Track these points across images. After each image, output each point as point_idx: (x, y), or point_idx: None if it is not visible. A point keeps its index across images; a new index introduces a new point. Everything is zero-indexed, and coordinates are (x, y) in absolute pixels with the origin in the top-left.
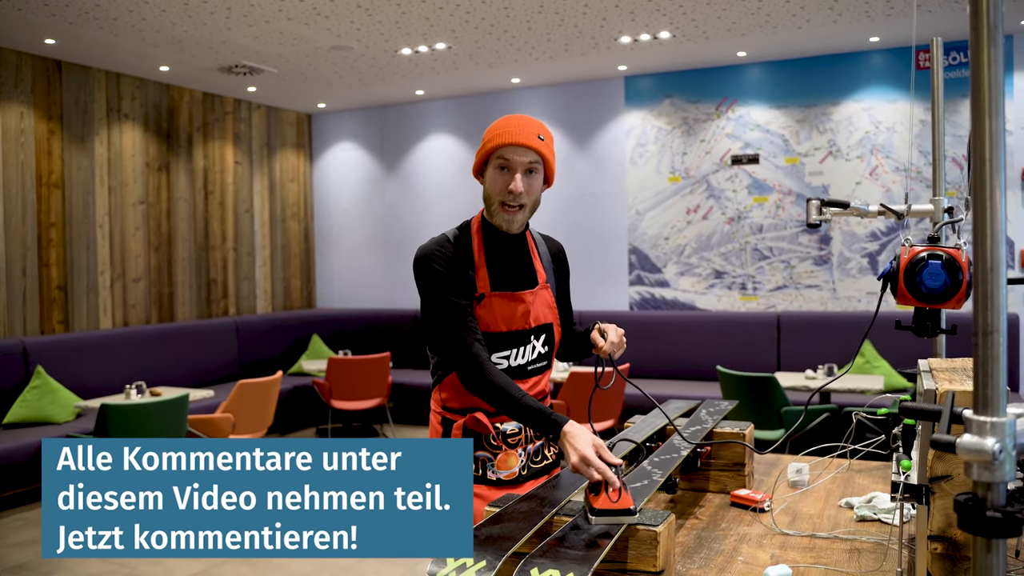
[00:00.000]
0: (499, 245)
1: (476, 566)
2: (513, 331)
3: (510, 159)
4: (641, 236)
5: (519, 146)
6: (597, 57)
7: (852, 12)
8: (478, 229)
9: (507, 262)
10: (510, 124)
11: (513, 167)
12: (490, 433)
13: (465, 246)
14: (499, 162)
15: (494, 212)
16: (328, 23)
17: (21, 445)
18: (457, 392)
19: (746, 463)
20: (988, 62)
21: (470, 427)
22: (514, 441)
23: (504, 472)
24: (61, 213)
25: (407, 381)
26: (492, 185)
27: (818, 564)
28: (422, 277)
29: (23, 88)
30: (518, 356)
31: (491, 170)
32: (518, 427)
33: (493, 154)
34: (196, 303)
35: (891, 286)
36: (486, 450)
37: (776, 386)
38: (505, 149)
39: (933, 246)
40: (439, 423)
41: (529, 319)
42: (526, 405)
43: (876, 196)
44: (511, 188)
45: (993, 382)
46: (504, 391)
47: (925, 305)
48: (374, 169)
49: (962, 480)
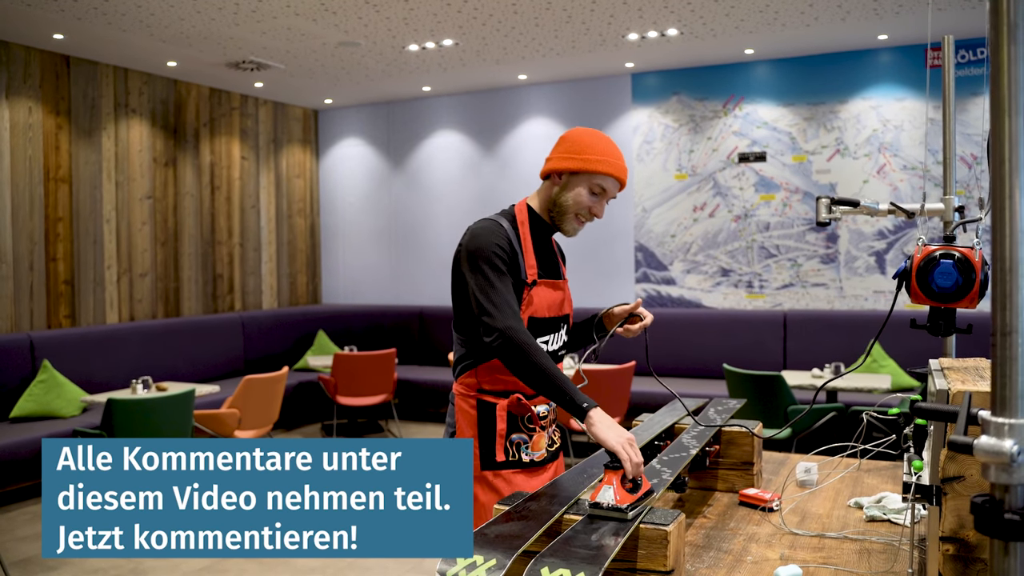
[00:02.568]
0: (542, 237)
1: (486, 564)
2: (552, 317)
3: (608, 190)
4: (647, 233)
5: (620, 182)
6: (604, 54)
7: (861, 10)
8: (525, 220)
9: (546, 254)
10: (617, 157)
11: (606, 197)
12: (529, 414)
13: (515, 234)
14: (597, 187)
15: (566, 219)
16: (336, 19)
17: (28, 439)
18: (499, 375)
19: (755, 462)
20: (1008, 60)
21: (512, 410)
22: (545, 423)
23: (537, 454)
24: (68, 208)
25: (413, 377)
26: (578, 200)
27: (828, 564)
28: (480, 256)
29: (31, 83)
30: (552, 342)
31: (583, 187)
32: (547, 409)
33: (595, 177)
34: (202, 298)
35: (904, 285)
36: (523, 432)
37: (783, 385)
38: (609, 180)
39: (947, 245)
40: (472, 408)
41: (564, 307)
42: (556, 382)
43: (883, 195)
44: (595, 212)
45: (1011, 383)
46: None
47: (938, 304)
48: (381, 165)
49: (975, 481)
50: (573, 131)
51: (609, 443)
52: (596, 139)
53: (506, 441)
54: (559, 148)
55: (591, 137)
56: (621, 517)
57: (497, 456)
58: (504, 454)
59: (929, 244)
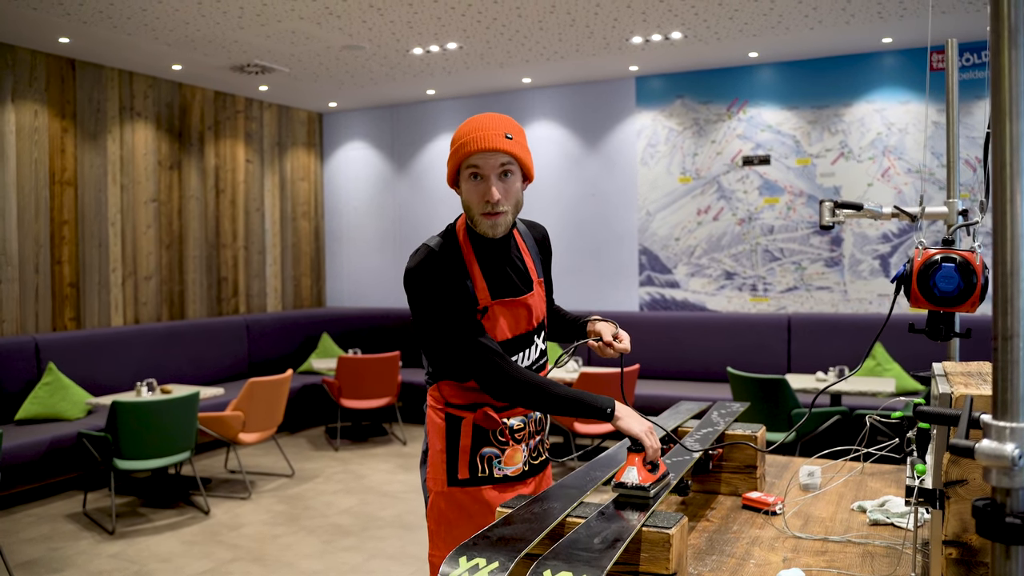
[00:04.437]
0: (489, 251)
1: (489, 567)
2: (519, 335)
3: (481, 166)
4: (651, 237)
5: (488, 151)
6: (608, 57)
7: (865, 13)
8: (465, 238)
9: (501, 267)
10: (475, 129)
11: (486, 174)
12: (500, 428)
13: (455, 256)
14: (471, 171)
15: (476, 221)
16: (340, 22)
17: (33, 442)
18: (461, 389)
19: (758, 466)
20: (1009, 64)
21: (480, 423)
22: (520, 436)
23: (511, 468)
24: (74, 211)
25: (417, 380)
26: (469, 195)
27: (831, 568)
28: (418, 292)
29: (37, 87)
30: (524, 359)
31: (464, 180)
32: (522, 421)
33: (463, 163)
34: (207, 301)
35: (904, 289)
36: (494, 446)
37: (787, 388)
38: (474, 157)
39: (947, 249)
40: (441, 420)
41: (532, 320)
42: (564, 395)
43: (888, 198)
44: (487, 197)
45: (1012, 387)
46: (538, 388)
47: (938, 308)
48: (385, 168)
49: (978, 485)
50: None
51: (633, 431)
52: (462, 127)
53: (475, 456)
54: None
55: (459, 128)
56: (643, 495)
57: (459, 472)
58: (469, 470)
59: (929, 248)
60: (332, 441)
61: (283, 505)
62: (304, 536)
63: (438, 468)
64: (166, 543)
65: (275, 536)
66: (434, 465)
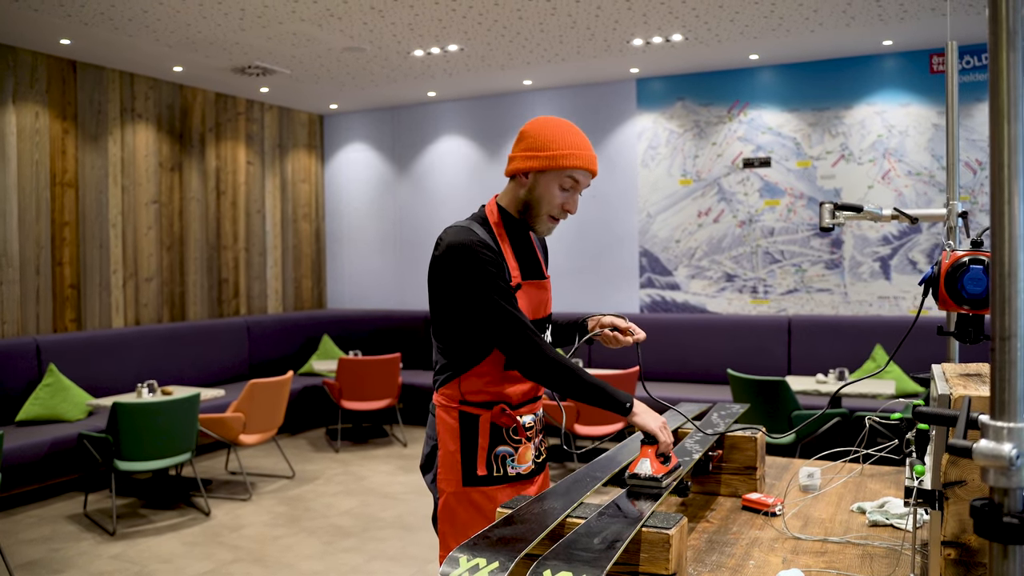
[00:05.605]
0: (518, 237)
1: (489, 568)
2: (538, 319)
3: (580, 182)
4: (652, 238)
5: (591, 172)
6: (609, 59)
7: (865, 15)
8: (498, 221)
9: (526, 253)
10: (584, 147)
11: (578, 189)
12: (514, 425)
13: (491, 236)
14: (567, 181)
15: (538, 220)
16: (341, 24)
17: (33, 443)
18: (486, 384)
19: (758, 467)
20: (1007, 66)
21: (496, 421)
22: (531, 434)
23: (523, 466)
24: (75, 212)
25: (417, 382)
26: (550, 198)
27: (830, 569)
28: (463, 264)
29: (38, 88)
30: None
31: (553, 183)
32: (533, 419)
33: (564, 171)
34: (207, 303)
35: (932, 291)
36: (508, 444)
37: (787, 390)
38: (579, 172)
39: (975, 251)
40: (454, 420)
41: (548, 307)
42: (590, 383)
43: (888, 200)
44: (569, 208)
45: (1010, 387)
46: (570, 371)
47: (967, 311)
48: (386, 170)
49: (976, 485)
50: (533, 125)
51: (649, 426)
52: (560, 131)
53: (491, 455)
54: (520, 145)
55: (554, 130)
56: (656, 486)
57: (479, 470)
58: (487, 468)
59: (957, 250)
60: (333, 443)
61: (284, 506)
62: (305, 537)
63: (451, 468)
64: (167, 544)
65: (276, 537)
66: (446, 466)
